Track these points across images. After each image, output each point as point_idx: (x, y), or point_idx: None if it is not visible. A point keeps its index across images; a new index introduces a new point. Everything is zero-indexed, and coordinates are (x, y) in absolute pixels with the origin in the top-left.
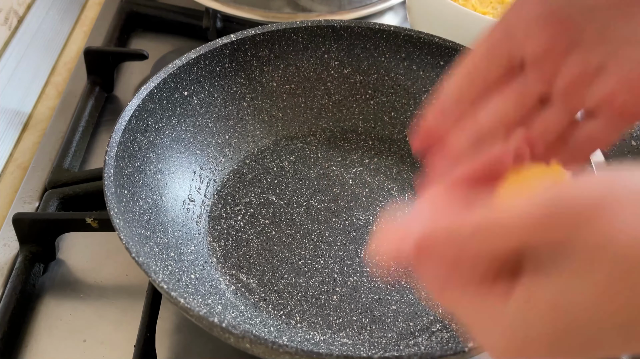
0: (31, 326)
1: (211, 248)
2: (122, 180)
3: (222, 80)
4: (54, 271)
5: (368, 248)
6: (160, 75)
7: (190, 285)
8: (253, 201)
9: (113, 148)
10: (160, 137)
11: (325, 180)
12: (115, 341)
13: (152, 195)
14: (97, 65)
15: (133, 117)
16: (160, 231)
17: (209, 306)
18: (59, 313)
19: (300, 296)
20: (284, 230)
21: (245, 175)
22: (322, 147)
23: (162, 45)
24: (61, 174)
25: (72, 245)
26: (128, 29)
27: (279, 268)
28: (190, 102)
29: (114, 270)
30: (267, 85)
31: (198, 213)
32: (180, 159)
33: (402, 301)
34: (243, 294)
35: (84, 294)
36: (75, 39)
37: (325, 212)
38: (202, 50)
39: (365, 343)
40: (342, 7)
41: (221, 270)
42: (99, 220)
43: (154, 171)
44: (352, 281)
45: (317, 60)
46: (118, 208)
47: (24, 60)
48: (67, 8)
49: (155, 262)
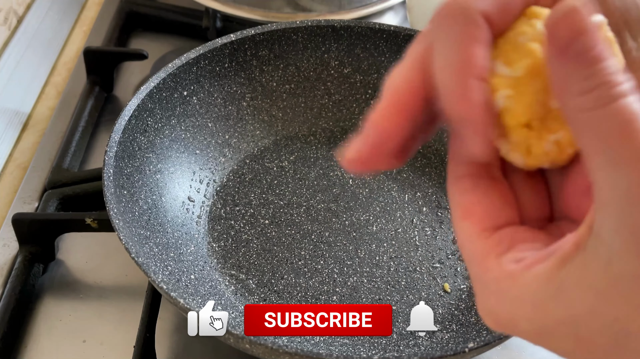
0: (30, 327)
1: (211, 249)
2: (121, 180)
3: (222, 80)
4: (53, 272)
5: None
6: (159, 75)
7: (189, 285)
8: (253, 201)
9: (112, 148)
10: (160, 137)
11: (325, 180)
12: (115, 341)
13: (151, 195)
14: (97, 65)
15: (132, 117)
16: (159, 232)
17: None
18: (59, 313)
19: (300, 297)
20: (284, 230)
21: (245, 175)
22: (322, 147)
23: (161, 45)
24: (61, 174)
25: (72, 245)
26: (128, 29)
27: (278, 268)
28: (190, 101)
29: (114, 270)
30: (267, 85)
31: (198, 213)
32: (179, 159)
33: (402, 301)
34: (243, 294)
35: (84, 294)
36: (75, 39)
37: (325, 212)
38: (202, 50)
39: (365, 343)
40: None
41: (221, 270)
42: (99, 220)
43: (153, 171)
44: (352, 282)
45: (317, 60)
46: (117, 209)
47: (23, 60)
48: (67, 8)
49: (154, 262)
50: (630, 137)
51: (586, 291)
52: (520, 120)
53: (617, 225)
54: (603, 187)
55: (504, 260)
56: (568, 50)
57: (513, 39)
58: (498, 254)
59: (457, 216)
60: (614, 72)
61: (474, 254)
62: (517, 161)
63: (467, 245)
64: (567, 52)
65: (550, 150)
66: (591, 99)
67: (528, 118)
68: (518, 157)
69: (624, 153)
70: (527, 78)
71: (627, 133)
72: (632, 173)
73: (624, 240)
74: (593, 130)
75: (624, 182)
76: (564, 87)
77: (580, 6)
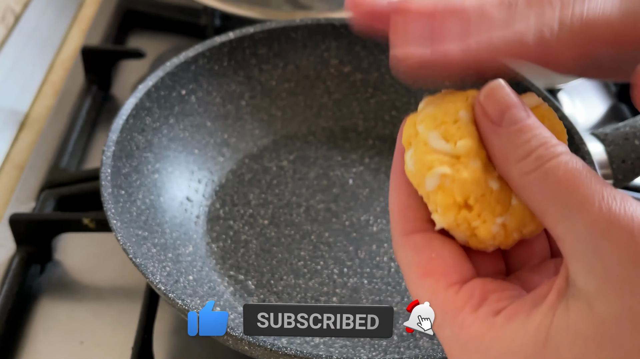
0: (27, 328)
1: (209, 249)
2: (119, 180)
3: (221, 79)
4: (50, 272)
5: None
6: (158, 73)
7: (188, 286)
8: (252, 201)
9: (110, 148)
10: (158, 136)
11: (325, 180)
12: (113, 343)
13: (149, 195)
14: (95, 63)
15: (130, 116)
16: (157, 232)
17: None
18: (56, 314)
19: (299, 298)
20: (283, 231)
21: (244, 175)
22: (322, 147)
23: (160, 44)
24: (58, 174)
25: (69, 245)
26: (126, 27)
27: (278, 269)
28: (189, 101)
29: (111, 271)
30: (266, 83)
31: (196, 213)
32: (178, 159)
33: (402, 302)
34: (242, 295)
35: (81, 295)
36: (73, 37)
37: (325, 212)
38: (200, 49)
39: (366, 345)
40: (342, 4)
41: (219, 271)
42: (96, 221)
43: (151, 171)
44: (352, 283)
45: (316, 59)
46: (115, 209)
47: (20, 58)
48: (65, 6)
49: (152, 263)
50: (575, 187)
51: (574, 339)
52: (456, 199)
53: (588, 269)
54: (565, 239)
55: (481, 313)
56: (501, 122)
57: (453, 112)
58: (473, 307)
59: (417, 276)
60: (547, 136)
61: (445, 312)
62: (460, 240)
63: (435, 303)
64: (501, 124)
65: (497, 233)
66: (532, 161)
67: (465, 198)
68: (461, 236)
69: (573, 202)
70: (467, 157)
71: (571, 183)
72: (586, 218)
73: (598, 282)
74: (539, 189)
75: (581, 228)
76: (503, 157)
77: (505, 83)
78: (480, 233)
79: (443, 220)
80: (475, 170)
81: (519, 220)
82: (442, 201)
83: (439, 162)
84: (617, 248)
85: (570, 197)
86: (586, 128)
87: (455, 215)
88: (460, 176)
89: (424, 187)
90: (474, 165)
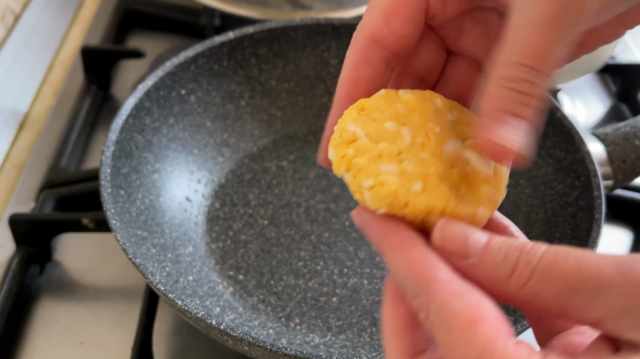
0: (27, 328)
1: (209, 249)
2: (118, 180)
3: (220, 79)
4: (50, 273)
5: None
6: (157, 73)
7: (187, 287)
8: (251, 201)
9: (110, 148)
10: (158, 136)
11: (325, 180)
12: (112, 343)
13: (149, 196)
14: (94, 63)
15: (130, 116)
16: (157, 232)
17: (207, 308)
18: (55, 314)
19: (299, 298)
20: (283, 231)
21: (244, 175)
22: None
23: (159, 44)
24: (57, 174)
25: (69, 245)
26: (125, 27)
27: (278, 269)
28: (188, 100)
29: (111, 271)
30: (265, 83)
31: (196, 213)
32: (177, 159)
33: None
34: (241, 296)
35: (81, 295)
36: (72, 37)
37: (325, 213)
38: (200, 49)
39: (366, 346)
40: (342, 4)
41: (219, 271)
42: (96, 221)
43: (151, 171)
44: (352, 283)
45: (316, 59)
46: (115, 209)
47: (20, 58)
48: (64, 6)
49: (152, 263)
50: (587, 269)
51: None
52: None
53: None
54: (601, 314)
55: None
56: (469, 254)
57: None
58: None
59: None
60: (518, 242)
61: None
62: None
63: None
64: (470, 255)
65: (393, 182)
66: (522, 271)
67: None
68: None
69: (593, 284)
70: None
71: (578, 267)
72: (617, 291)
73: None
74: (546, 288)
75: (614, 301)
76: (493, 282)
77: (446, 219)
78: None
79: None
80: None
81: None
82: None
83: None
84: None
85: (587, 282)
86: (586, 128)
87: (347, 163)
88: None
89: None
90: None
